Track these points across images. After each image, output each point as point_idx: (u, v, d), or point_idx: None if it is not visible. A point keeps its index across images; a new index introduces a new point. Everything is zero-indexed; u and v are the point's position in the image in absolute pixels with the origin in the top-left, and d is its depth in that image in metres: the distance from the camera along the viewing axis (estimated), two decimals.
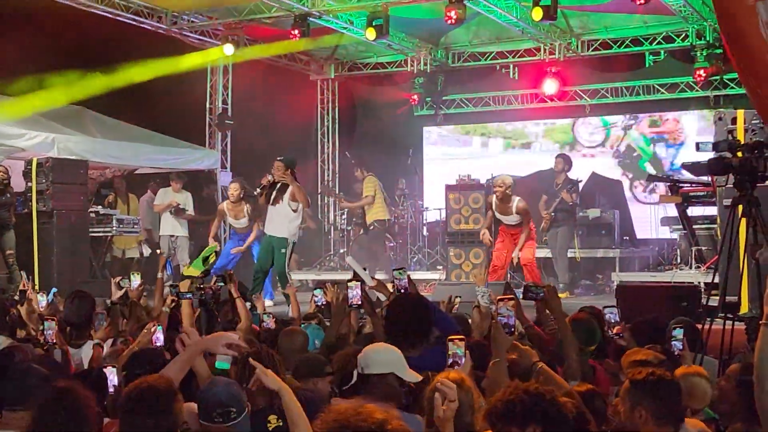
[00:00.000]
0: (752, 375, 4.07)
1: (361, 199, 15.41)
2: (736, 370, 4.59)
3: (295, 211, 11.40)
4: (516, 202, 12.36)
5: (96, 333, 6.22)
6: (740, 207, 5.86)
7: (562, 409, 3.14)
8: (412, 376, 4.28)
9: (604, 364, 5.62)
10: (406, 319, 5.11)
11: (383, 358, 4.31)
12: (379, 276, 9.70)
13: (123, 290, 7.22)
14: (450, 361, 4.16)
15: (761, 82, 5.13)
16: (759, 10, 4.73)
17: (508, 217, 12.48)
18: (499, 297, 4.19)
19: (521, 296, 5.88)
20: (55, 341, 5.67)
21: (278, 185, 11.43)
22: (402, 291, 5.84)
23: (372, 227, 15.27)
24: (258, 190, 11.81)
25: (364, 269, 6.88)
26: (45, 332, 5.69)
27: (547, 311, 6.03)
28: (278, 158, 11.44)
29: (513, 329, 4.14)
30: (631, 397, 3.88)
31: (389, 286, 6.26)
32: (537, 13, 12.77)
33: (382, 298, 6.95)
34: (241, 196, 12.79)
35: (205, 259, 8.25)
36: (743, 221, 5.82)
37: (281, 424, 4.03)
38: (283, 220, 11.41)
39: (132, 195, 14.72)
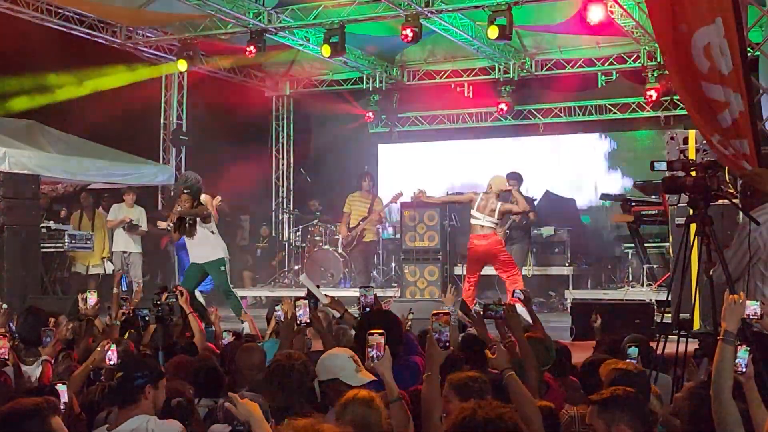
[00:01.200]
0: (704, 390, 4.16)
1: (372, 215, 15.01)
2: (691, 386, 4.67)
3: (213, 231, 10.82)
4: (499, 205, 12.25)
5: (44, 350, 6.13)
6: (693, 225, 5.95)
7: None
8: (359, 380, 4.29)
9: (564, 381, 5.69)
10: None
11: (329, 364, 4.39)
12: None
13: (95, 302, 7.16)
14: (370, 352, 4.14)
15: (697, 106, 5.25)
16: (705, 34, 4.83)
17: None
18: (433, 312, 4.20)
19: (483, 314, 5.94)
20: (6, 358, 5.58)
21: (186, 218, 10.71)
22: (368, 309, 5.89)
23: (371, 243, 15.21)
24: (170, 225, 11.17)
25: (318, 287, 6.92)
26: None
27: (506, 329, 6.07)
28: (185, 191, 10.64)
29: (447, 344, 4.15)
30: (605, 418, 3.84)
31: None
32: (493, 32, 12.89)
33: (336, 315, 6.99)
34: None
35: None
36: (696, 239, 5.91)
37: None
38: (208, 244, 10.75)
39: (99, 210, 14.52)
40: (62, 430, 3.47)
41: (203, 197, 10.97)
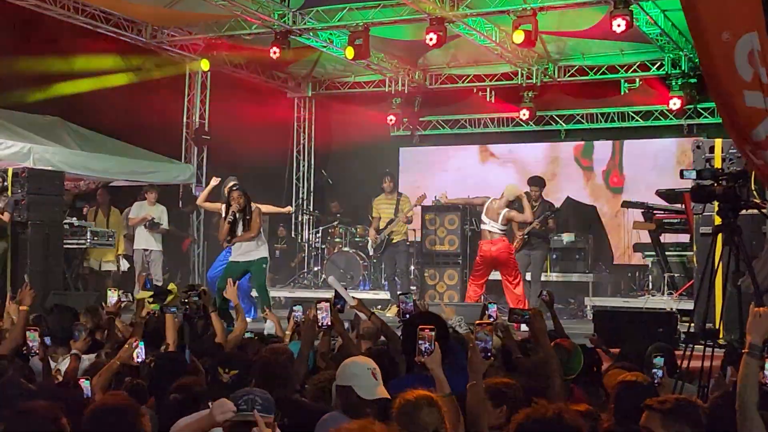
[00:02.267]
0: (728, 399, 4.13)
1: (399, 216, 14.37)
2: (716, 396, 4.65)
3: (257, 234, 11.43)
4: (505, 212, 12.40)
5: (75, 344, 6.17)
6: (720, 235, 5.93)
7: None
8: (370, 393, 4.30)
9: (590, 390, 5.67)
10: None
11: (347, 371, 4.41)
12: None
13: (117, 300, 7.21)
14: (421, 346, 4.19)
15: (732, 116, 5.21)
16: (749, 42, 4.81)
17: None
18: (477, 321, 4.20)
19: (507, 319, 5.93)
20: (37, 352, 5.63)
21: (242, 219, 11.29)
22: (407, 315, 5.89)
23: (408, 243, 14.92)
24: (229, 220, 11.31)
25: (345, 288, 6.92)
26: (29, 343, 5.64)
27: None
28: (235, 188, 11.30)
29: (490, 354, 4.15)
30: (666, 426, 3.85)
31: (394, 308, 6.32)
32: (518, 36, 12.87)
33: (363, 317, 6.99)
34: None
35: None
36: (722, 249, 5.89)
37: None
38: (252, 243, 11.39)
39: (114, 208, 14.60)
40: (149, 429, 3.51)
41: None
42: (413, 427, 3.69)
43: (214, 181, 11.93)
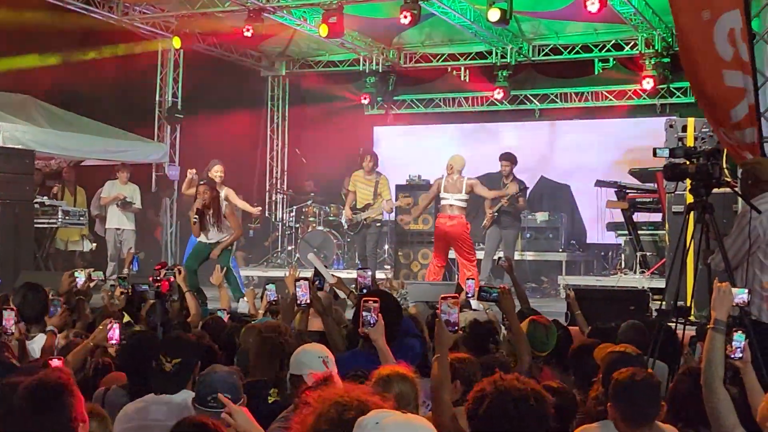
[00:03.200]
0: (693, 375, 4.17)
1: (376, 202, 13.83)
2: (682, 371, 4.70)
3: (225, 216, 11.26)
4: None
5: (50, 319, 6.14)
6: (692, 213, 5.97)
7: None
8: None
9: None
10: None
11: (298, 359, 4.33)
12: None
13: (73, 283, 7.14)
14: (365, 317, 4.31)
15: (709, 95, 5.23)
16: (722, 22, 4.81)
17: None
18: (442, 295, 4.22)
19: (476, 297, 5.94)
20: (12, 331, 5.58)
21: (209, 214, 11.08)
22: (365, 290, 5.90)
23: (378, 225, 14.17)
24: (195, 219, 11.11)
25: (325, 266, 6.94)
26: (5, 322, 5.59)
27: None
28: (201, 182, 11.09)
29: (456, 327, 4.16)
30: (609, 393, 3.93)
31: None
32: (494, 14, 12.82)
33: (342, 295, 6.99)
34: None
35: None
36: (694, 227, 5.93)
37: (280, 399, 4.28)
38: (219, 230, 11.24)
39: (80, 187, 14.48)
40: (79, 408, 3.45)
41: (226, 190, 11.40)
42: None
43: (190, 174, 11.78)
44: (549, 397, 3.21)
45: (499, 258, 8.90)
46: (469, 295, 7.43)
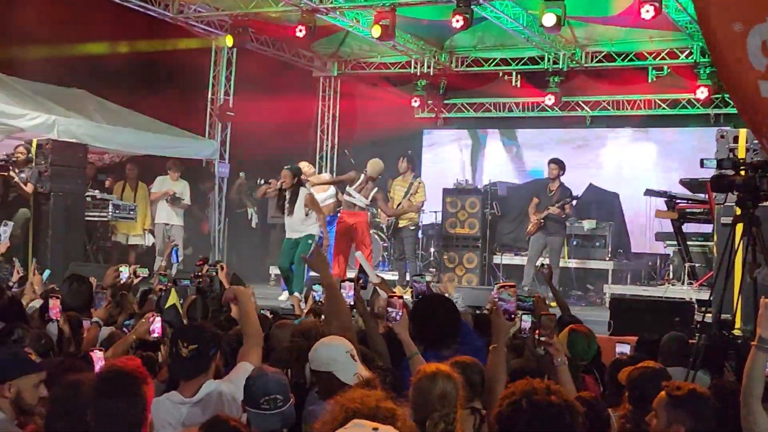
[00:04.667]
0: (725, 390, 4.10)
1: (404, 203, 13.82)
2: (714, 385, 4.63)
3: (307, 214, 11.72)
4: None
5: (96, 311, 6.23)
6: (739, 226, 5.88)
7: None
8: (351, 378, 4.15)
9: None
10: (439, 319, 5.13)
11: (324, 355, 4.28)
12: None
13: (117, 278, 7.24)
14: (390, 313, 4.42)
15: (748, 107, 5.15)
16: (759, 32, 4.73)
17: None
18: (499, 284, 4.22)
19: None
20: (58, 319, 5.69)
21: (288, 194, 11.69)
22: (420, 295, 5.91)
23: (412, 228, 14.02)
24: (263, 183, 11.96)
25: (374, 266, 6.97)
26: (49, 309, 5.70)
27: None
28: (286, 167, 11.79)
29: (513, 315, 4.15)
30: (668, 412, 3.83)
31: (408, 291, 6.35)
32: (549, 19, 12.75)
33: (383, 295, 6.99)
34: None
35: None
36: (741, 239, 5.85)
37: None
38: (301, 224, 11.75)
39: (141, 183, 14.67)
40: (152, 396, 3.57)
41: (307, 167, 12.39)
42: (429, 397, 3.71)
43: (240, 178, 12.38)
44: (581, 409, 3.18)
45: (542, 265, 8.85)
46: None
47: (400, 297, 4.44)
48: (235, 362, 4.58)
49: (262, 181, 12.15)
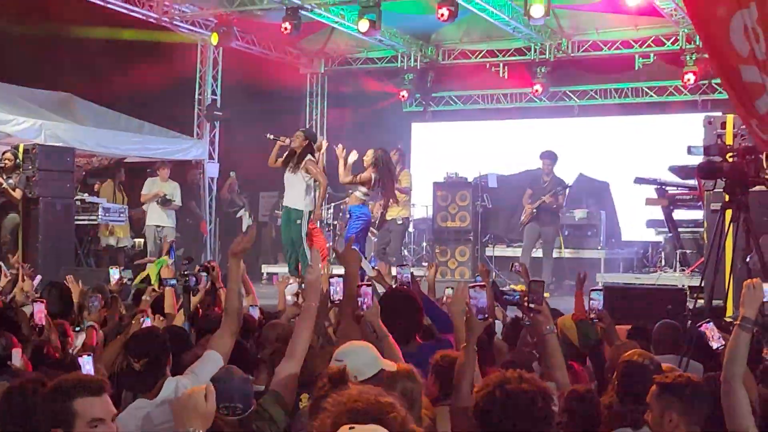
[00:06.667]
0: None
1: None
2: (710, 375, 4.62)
3: (308, 184, 11.46)
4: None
5: (89, 315, 6.22)
6: (728, 211, 5.88)
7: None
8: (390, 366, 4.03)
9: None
10: (395, 314, 5.09)
11: (367, 361, 4.00)
12: None
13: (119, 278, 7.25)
14: (360, 301, 4.35)
15: (736, 90, 5.16)
16: (742, 17, 4.74)
17: None
18: (470, 284, 4.22)
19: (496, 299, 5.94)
20: (43, 324, 5.65)
21: (296, 155, 11.46)
22: (404, 286, 5.88)
23: (399, 222, 13.73)
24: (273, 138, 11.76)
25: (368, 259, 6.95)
26: (34, 314, 5.67)
27: None
28: (300, 129, 11.89)
29: (485, 315, 4.15)
30: (659, 401, 3.84)
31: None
32: (537, 10, 12.74)
33: (381, 289, 6.98)
34: None
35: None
36: (730, 225, 5.85)
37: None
38: (298, 191, 11.45)
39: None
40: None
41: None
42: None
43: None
44: (553, 392, 3.28)
45: (513, 265, 8.81)
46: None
47: (368, 285, 4.41)
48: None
49: (272, 136, 11.81)
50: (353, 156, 11.92)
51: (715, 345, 4.82)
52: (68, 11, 13.91)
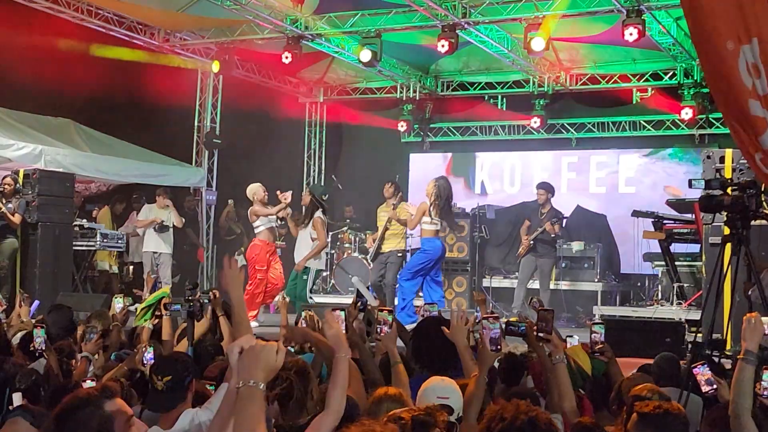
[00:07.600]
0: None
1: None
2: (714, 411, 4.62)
3: (313, 239, 11.87)
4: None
5: (86, 346, 6.18)
6: (728, 245, 5.90)
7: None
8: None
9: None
10: (438, 344, 5.10)
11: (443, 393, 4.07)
12: None
13: (123, 307, 7.23)
14: (379, 327, 4.52)
15: (741, 124, 5.21)
16: (744, 53, 4.80)
17: None
18: (484, 315, 4.25)
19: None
20: (43, 348, 5.64)
21: (306, 210, 11.99)
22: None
23: (399, 255, 13.09)
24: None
25: (367, 288, 6.96)
26: (35, 340, 5.66)
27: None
28: (308, 186, 11.95)
29: (498, 346, 4.17)
30: (637, 431, 3.83)
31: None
32: (538, 44, 12.84)
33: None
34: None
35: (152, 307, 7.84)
36: (730, 259, 5.86)
37: None
38: (305, 247, 11.97)
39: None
40: (125, 410, 3.41)
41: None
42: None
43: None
44: (546, 418, 3.30)
45: (531, 299, 8.81)
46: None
47: (390, 311, 4.49)
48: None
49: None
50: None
51: (704, 389, 4.82)
52: (72, 35, 13.98)
